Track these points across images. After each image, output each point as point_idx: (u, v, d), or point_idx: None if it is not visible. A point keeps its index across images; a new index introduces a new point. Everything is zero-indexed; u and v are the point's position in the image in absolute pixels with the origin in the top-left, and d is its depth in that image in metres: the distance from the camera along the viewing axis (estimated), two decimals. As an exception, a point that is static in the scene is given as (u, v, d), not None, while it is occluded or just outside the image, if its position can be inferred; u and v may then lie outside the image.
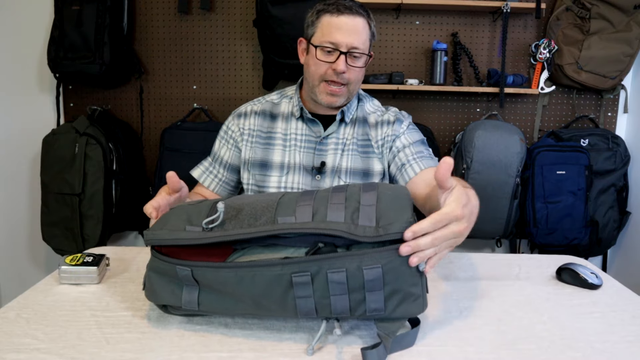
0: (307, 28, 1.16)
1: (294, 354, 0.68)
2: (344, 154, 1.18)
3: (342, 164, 1.18)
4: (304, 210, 0.68)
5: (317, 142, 1.19)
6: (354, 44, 1.10)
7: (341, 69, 1.10)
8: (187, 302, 0.71)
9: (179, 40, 2.24)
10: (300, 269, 0.65)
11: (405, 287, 0.66)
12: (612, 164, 2.13)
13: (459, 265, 1.05)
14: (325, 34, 1.11)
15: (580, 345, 0.71)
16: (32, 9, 2.21)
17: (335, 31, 1.09)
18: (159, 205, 0.82)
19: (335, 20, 1.10)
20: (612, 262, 2.37)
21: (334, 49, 1.10)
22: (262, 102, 1.27)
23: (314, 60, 1.13)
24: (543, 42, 2.10)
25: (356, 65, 1.13)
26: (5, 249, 2.40)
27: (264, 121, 1.23)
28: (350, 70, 1.12)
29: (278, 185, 1.18)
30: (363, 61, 1.14)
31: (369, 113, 1.24)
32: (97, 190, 2.04)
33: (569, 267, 0.96)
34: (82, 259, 0.92)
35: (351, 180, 1.17)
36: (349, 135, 1.20)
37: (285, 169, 1.18)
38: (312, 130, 1.20)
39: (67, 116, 2.27)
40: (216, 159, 1.28)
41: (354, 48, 1.10)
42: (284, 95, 1.27)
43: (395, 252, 0.65)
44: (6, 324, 0.75)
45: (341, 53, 1.10)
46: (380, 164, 1.19)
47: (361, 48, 1.11)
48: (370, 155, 1.19)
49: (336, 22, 1.10)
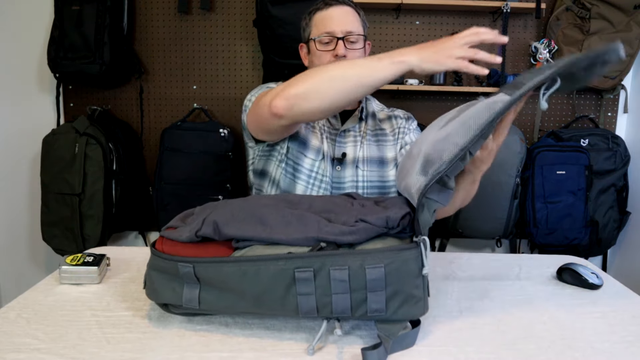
0: (304, 32, 1.23)
1: (294, 353, 0.68)
2: (361, 145, 1.22)
3: (359, 155, 1.21)
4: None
5: (337, 134, 1.21)
6: (348, 28, 1.15)
7: (342, 53, 1.13)
8: (187, 300, 0.71)
9: (179, 40, 2.24)
10: (303, 264, 0.66)
11: (407, 289, 0.66)
12: (612, 164, 2.13)
13: (459, 265, 1.05)
14: (319, 27, 1.17)
15: (580, 345, 0.71)
16: (32, 9, 2.21)
17: (328, 21, 1.15)
18: None
19: (325, 13, 1.17)
20: (612, 262, 2.37)
21: (331, 37, 1.15)
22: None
23: (316, 54, 1.17)
24: (543, 42, 2.10)
25: (355, 48, 1.17)
26: (5, 249, 2.40)
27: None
28: (350, 53, 1.15)
29: (311, 168, 1.17)
30: (362, 45, 1.19)
31: (377, 110, 1.29)
32: (97, 190, 2.04)
33: (569, 267, 0.96)
34: (82, 259, 0.92)
35: (368, 168, 1.19)
36: (364, 128, 1.24)
37: (320, 154, 1.19)
38: (331, 123, 1.23)
39: (67, 116, 2.27)
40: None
41: (349, 32, 1.15)
42: None
43: (398, 253, 0.65)
44: (6, 324, 0.75)
45: (338, 39, 1.14)
46: (393, 151, 1.24)
47: (356, 31, 1.16)
48: (384, 144, 1.24)
49: (327, 14, 1.16)
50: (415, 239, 0.67)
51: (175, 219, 0.82)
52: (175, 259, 0.70)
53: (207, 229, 0.72)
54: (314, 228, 0.70)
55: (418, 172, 0.72)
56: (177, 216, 0.84)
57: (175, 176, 2.09)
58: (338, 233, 0.69)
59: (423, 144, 0.78)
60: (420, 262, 0.67)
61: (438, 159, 0.69)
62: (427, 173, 0.69)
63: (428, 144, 0.75)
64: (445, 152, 0.68)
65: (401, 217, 0.70)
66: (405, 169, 0.81)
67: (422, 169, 0.71)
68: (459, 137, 0.68)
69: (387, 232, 0.70)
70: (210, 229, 0.72)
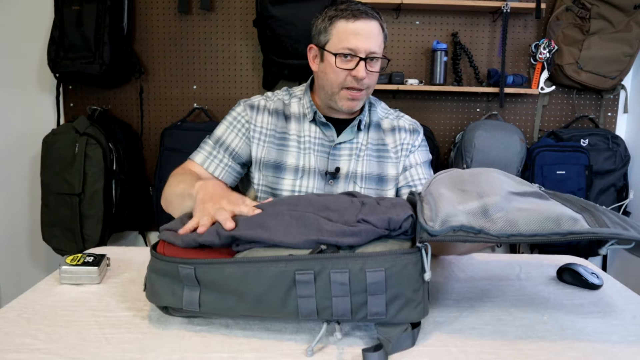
0: (319, 35, 1.12)
1: (294, 354, 0.68)
2: (360, 159, 1.17)
3: (357, 170, 1.17)
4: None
5: (330, 146, 1.17)
6: (372, 48, 1.07)
7: (362, 76, 1.07)
8: (188, 303, 0.71)
9: (179, 40, 2.24)
10: (304, 267, 0.66)
11: (407, 293, 0.66)
12: (612, 164, 2.13)
13: (459, 265, 1.05)
14: (342, 40, 1.07)
15: (580, 345, 0.71)
16: (32, 9, 2.21)
17: (353, 37, 1.07)
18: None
19: (351, 25, 1.07)
20: (612, 262, 2.37)
21: (353, 55, 1.07)
22: (274, 99, 1.21)
23: (333, 69, 1.09)
24: (543, 42, 2.10)
25: (374, 70, 1.11)
26: (5, 249, 2.40)
27: (278, 121, 1.18)
28: (370, 76, 1.10)
29: (292, 188, 1.15)
30: (380, 65, 1.12)
31: (381, 118, 1.23)
32: (97, 190, 2.04)
33: (569, 267, 0.96)
34: (82, 259, 0.92)
35: (366, 185, 1.16)
36: (364, 141, 1.19)
37: (300, 172, 1.16)
38: (325, 135, 1.18)
39: (67, 116, 2.27)
40: (221, 144, 1.18)
41: (372, 53, 1.08)
42: (293, 95, 1.23)
43: (399, 257, 0.65)
44: (6, 324, 0.75)
45: (360, 59, 1.07)
46: (394, 169, 1.19)
47: (378, 52, 1.10)
48: (385, 161, 1.19)
49: (352, 28, 1.07)
50: (417, 244, 0.67)
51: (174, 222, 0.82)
52: (176, 260, 0.70)
53: (208, 237, 0.72)
54: (315, 229, 0.70)
55: (476, 211, 0.68)
56: (177, 218, 0.84)
57: (175, 176, 2.09)
58: (339, 233, 0.68)
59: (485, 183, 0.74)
60: (421, 266, 0.67)
61: (507, 222, 0.65)
62: (486, 215, 0.66)
63: (498, 190, 0.71)
64: (520, 223, 0.64)
65: (403, 219, 0.70)
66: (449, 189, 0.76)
67: (481, 211, 0.67)
68: (531, 225, 0.64)
69: (388, 234, 0.70)
70: (212, 237, 0.72)
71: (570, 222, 0.63)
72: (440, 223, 0.65)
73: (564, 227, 0.63)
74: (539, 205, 0.68)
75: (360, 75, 1.07)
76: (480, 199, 0.69)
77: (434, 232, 0.64)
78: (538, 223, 0.64)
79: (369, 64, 1.09)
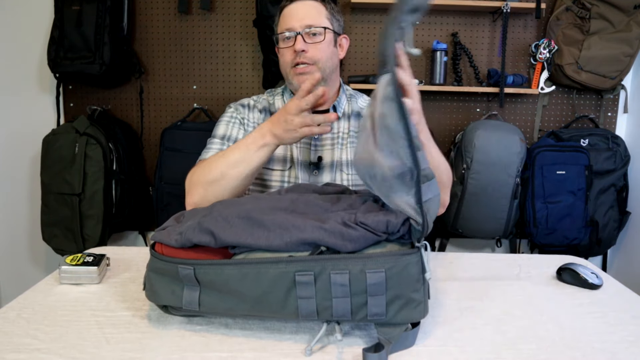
0: (275, 28, 1.20)
1: (294, 354, 0.68)
2: (343, 147, 1.20)
3: (342, 158, 1.19)
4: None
5: (312, 137, 1.19)
6: (306, 21, 1.13)
7: (299, 47, 1.11)
8: (187, 302, 0.71)
9: (179, 40, 2.24)
10: (304, 268, 0.65)
11: (407, 293, 0.66)
12: (612, 164, 2.13)
13: (459, 265, 1.05)
14: (281, 24, 1.16)
15: (580, 345, 0.71)
16: (32, 9, 2.21)
17: (289, 18, 1.14)
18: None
19: (288, 9, 1.16)
20: (612, 262, 2.37)
21: (291, 32, 1.13)
22: (260, 100, 1.28)
23: (280, 52, 1.17)
24: (543, 42, 2.10)
25: (315, 41, 1.14)
26: (5, 249, 2.40)
27: (266, 117, 1.24)
28: (311, 47, 1.13)
29: (281, 179, 1.18)
30: (323, 37, 1.14)
31: (362, 107, 1.27)
32: (97, 190, 2.04)
33: (569, 267, 0.96)
34: (82, 259, 0.92)
35: (352, 172, 1.18)
36: (345, 129, 1.22)
37: (287, 163, 1.19)
38: None
39: (67, 116, 2.27)
40: (228, 139, 1.21)
41: (308, 26, 1.13)
42: (274, 93, 1.29)
43: (399, 258, 0.65)
44: (6, 324, 0.75)
45: (297, 34, 1.13)
46: None
47: (316, 24, 1.13)
48: None
49: (289, 10, 1.15)
50: (417, 244, 0.67)
51: (169, 220, 0.82)
52: (176, 261, 0.70)
53: (203, 238, 0.70)
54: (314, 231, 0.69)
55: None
56: (172, 217, 0.84)
57: (175, 176, 2.09)
58: (338, 236, 0.67)
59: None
60: (421, 266, 0.67)
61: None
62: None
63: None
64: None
65: (402, 222, 0.68)
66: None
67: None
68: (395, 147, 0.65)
69: (386, 238, 0.68)
70: (207, 238, 0.70)
71: (393, 106, 0.65)
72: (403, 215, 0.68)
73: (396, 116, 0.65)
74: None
75: (298, 48, 1.11)
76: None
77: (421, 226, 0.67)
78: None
79: (308, 37, 1.13)
